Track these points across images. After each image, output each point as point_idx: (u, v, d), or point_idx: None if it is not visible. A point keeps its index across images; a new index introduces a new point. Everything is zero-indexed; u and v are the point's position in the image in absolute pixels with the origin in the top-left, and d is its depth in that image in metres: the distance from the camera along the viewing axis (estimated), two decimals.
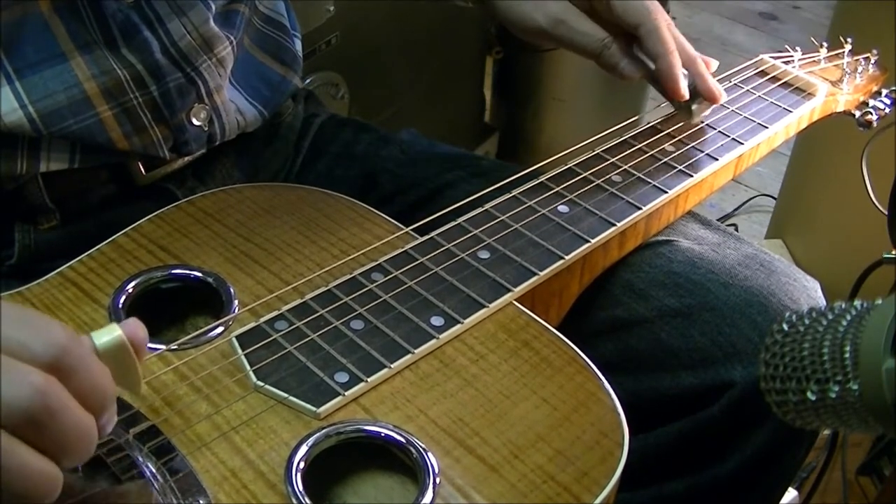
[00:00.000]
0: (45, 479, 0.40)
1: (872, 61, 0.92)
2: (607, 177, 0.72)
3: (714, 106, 0.78)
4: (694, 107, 0.76)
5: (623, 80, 0.75)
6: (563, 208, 0.68)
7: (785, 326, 0.45)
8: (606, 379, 0.57)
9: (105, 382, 0.43)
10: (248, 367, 0.56)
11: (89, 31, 0.64)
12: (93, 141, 0.67)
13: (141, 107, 0.68)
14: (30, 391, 0.39)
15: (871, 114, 0.89)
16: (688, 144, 0.76)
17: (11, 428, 0.39)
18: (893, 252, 0.83)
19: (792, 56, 0.89)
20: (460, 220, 0.67)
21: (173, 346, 0.58)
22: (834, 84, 0.87)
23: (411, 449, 0.52)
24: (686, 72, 0.74)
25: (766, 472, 0.71)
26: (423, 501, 0.50)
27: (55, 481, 0.41)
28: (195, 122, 0.71)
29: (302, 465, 0.51)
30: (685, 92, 0.74)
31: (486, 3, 0.78)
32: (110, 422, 0.44)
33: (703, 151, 0.75)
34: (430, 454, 0.52)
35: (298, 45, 0.83)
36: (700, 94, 0.76)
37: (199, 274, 0.64)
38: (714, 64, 0.78)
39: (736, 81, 0.85)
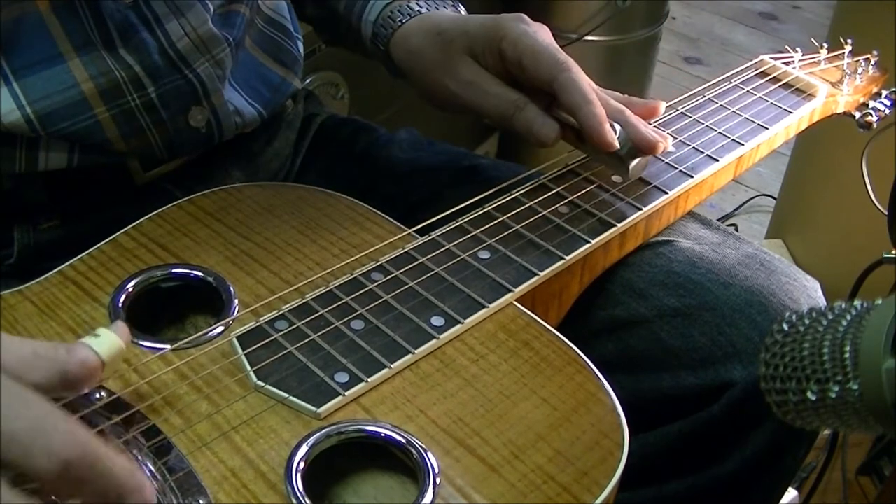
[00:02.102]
0: None
1: (872, 62, 0.92)
2: (608, 177, 0.72)
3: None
4: (631, 163, 0.69)
5: (539, 146, 0.70)
6: (563, 209, 0.68)
7: (785, 326, 0.45)
8: (606, 379, 0.57)
9: (123, 477, 0.40)
10: (248, 366, 0.56)
11: (87, 31, 0.64)
12: (91, 141, 0.67)
13: (139, 108, 0.68)
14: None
15: (871, 115, 0.90)
16: (688, 145, 0.76)
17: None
18: (893, 252, 0.83)
19: (792, 57, 0.89)
20: (461, 220, 0.67)
21: (174, 347, 0.58)
22: (834, 85, 0.88)
23: (411, 449, 0.52)
24: (616, 124, 0.68)
25: (767, 472, 0.71)
26: (424, 501, 0.50)
27: None
28: (193, 123, 0.71)
29: (302, 464, 0.51)
30: (613, 140, 0.67)
31: (405, 75, 0.77)
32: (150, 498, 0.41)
33: (703, 152, 0.75)
34: (430, 454, 0.52)
35: (300, 48, 0.83)
36: (636, 146, 0.69)
37: (200, 273, 0.64)
38: (662, 106, 0.74)
39: (736, 82, 0.85)
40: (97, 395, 0.53)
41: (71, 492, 0.38)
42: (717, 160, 0.74)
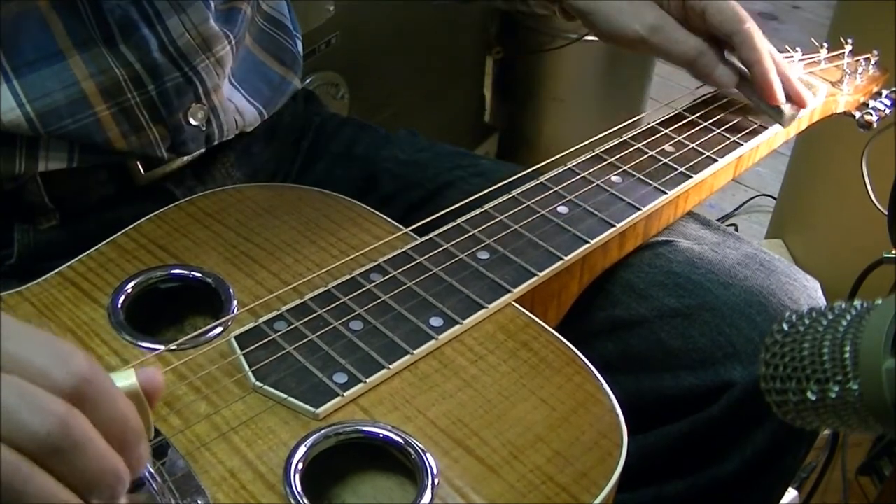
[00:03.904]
0: None
1: (873, 62, 0.92)
2: (607, 177, 0.72)
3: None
4: (786, 110, 0.77)
5: (718, 88, 0.78)
6: (562, 209, 0.68)
7: (785, 326, 0.45)
8: (606, 379, 0.57)
9: (129, 416, 0.41)
10: (246, 367, 0.56)
11: (87, 28, 0.64)
12: (90, 140, 0.66)
13: (139, 106, 0.68)
14: (52, 419, 0.38)
15: (872, 115, 0.89)
16: (688, 145, 0.76)
17: (32, 457, 0.38)
18: (893, 252, 0.83)
19: (792, 57, 0.89)
20: (459, 220, 0.67)
21: (172, 347, 0.58)
22: (834, 85, 0.87)
23: (410, 450, 0.52)
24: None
25: (767, 472, 0.71)
26: (422, 502, 0.49)
27: None
28: (193, 121, 0.71)
29: (300, 465, 0.51)
30: (782, 96, 0.76)
31: (582, 17, 0.80)
32: (142, 460, 0.42)
33: (702, 152, 0.75)
34: (428, 455, 0.52)
35: (299, 47, 0.83)
36: (789, 97, 0.77)
37: (199, 274, 0.64)
38: (822, 88, 0.81)
39: None
40: None
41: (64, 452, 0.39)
42: (717, 160, 0.74)
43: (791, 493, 1.17)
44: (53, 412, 0.38)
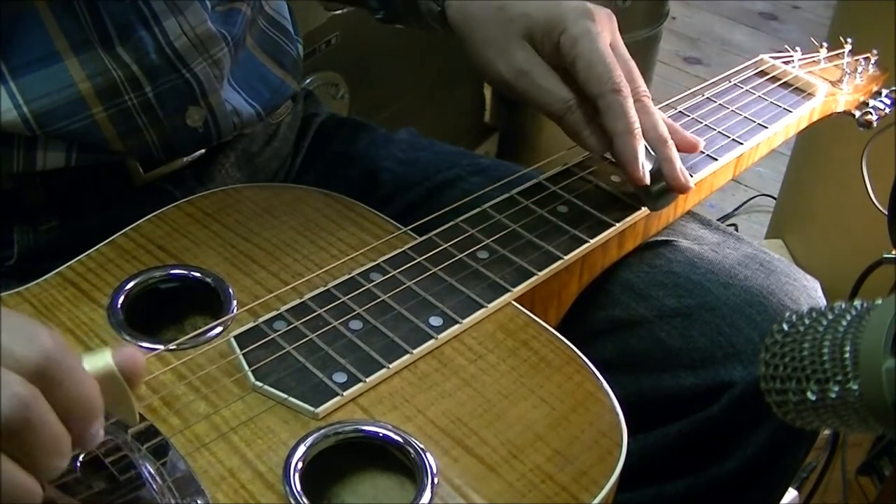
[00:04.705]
0: (25, 490, 0.39)
1: (872, 61, 0.92)
2: (606, 176, 0.72)
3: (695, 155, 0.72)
4: (657, 201, 0.68)
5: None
6: (561, 208, 0.68)
7: (785, 326, 0.45)
8: (606, 379, 0.57)
9: (91, 396, 0.42)
10: (246, 367, 0.56)
11: (85, 29, 0.64)
12: (87, 141, 0.66)
13: (136, 108, 0.67)
14: (12, 402, 0.38)
15: (871, 114, 0.89)
16: None
17: None
18: (893, 252, 0.83)
19: (792, 56, 0.89)
20: (459, 220, 0.67)
21: (172, 346, 0.58)
22: (834, 84, 0.87)
23: (409, 449, 0.52)
24: (653, 154, 0.67)
25: (767, 472, 0.71)
26: (422, 501, 0.49)
27: (34, 494, 0.40)
28: (190, 123, 0.71)
29: (300, 465, 0.51)
30: (644, 176, 0.65)
31: (460, 44, 0.73)
32: (95, 436, 0.42)
33: (702, 151, 0.75)
34: (428, 454, 0.52)
35: (299, 50, 0.83)
36: (666, 181, 0.67)
37: (198, 274, 0.64)
38: (700, 144, 0.72)
39: (735, 81, 0.85)
40: None
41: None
42: (717, 159, 0.74)
43: (791, 493, 1.17)
44: (15, 394, 0.38)
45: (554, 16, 0.67)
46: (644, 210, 0.69)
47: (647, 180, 0.66)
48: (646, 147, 0.66)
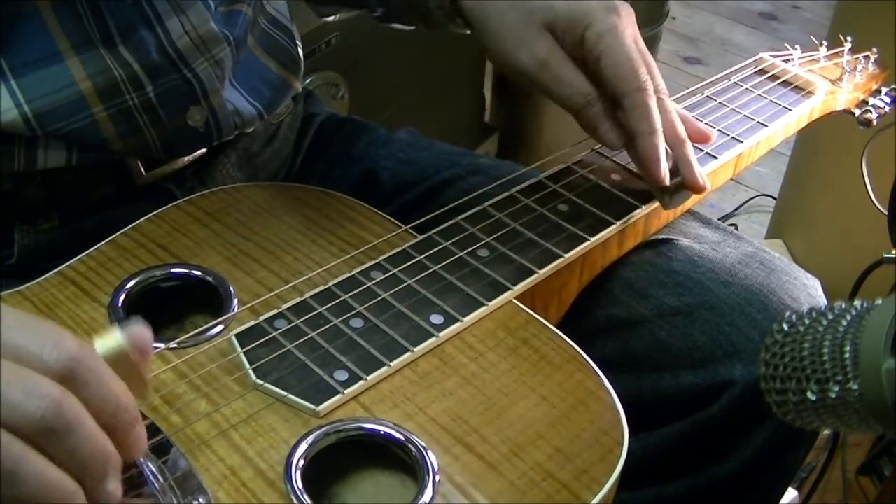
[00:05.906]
0: (64, 491, 0.39)
1: (872, 60, 0.92)
2: (607, 175, 0.72)
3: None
4: (674, 198, 0.69)
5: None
6: (562, 206, 0.68)
7: (785, 326, 0.45)
8: (606, 378, 0.57)
9: (121, 395, 0.42)
10: (247, 365, 0.56)
11: (87, 28, 0.64)
12: (87, 141, 0.66)
13: (137, 108, 0.67)
14: (45, 402, 0.39)
15: (871, 112, 0.89)
16: None
17: (26, 438, 0.39)
18: (893, 252, 0.83)
19: (791, 55, 0.89)
20: (459, 218, 0.67)
21: (172, 345, 0.58)
22: (833, 82, 0.87)
23: (410, 447, 0.52)
24: (670, 152, 0.67)
25: (767, 471, 0.71)
26: (423, 499, 0.50)
27: (74, 496, 0.40)
28: (191, 123, 0.71)
29: (301, 463, 0.51)
30: (665, 178, 0.66)
31: (475, 33, 0.71)
32: (138, 441, 0.43)
33: (702, 150, 0.75)
34: (429, 452, 0.52)
35: (300, 51, 0.83)
36: (683, 180, 0.68)
37: (199, 273, 0.64)
38: (713, 135, 0.73)
39: (735, 80, 0.85)
40: None
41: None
42: (717, 157, 0.74)
43: (791, 493, 1.17)
44: (47, 394, 0.39)
45: (579, 9, 0.66)
46: (644, 208, 0.69)
47: (668, 180, 0.66)
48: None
